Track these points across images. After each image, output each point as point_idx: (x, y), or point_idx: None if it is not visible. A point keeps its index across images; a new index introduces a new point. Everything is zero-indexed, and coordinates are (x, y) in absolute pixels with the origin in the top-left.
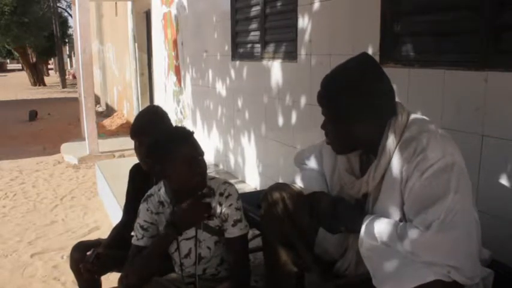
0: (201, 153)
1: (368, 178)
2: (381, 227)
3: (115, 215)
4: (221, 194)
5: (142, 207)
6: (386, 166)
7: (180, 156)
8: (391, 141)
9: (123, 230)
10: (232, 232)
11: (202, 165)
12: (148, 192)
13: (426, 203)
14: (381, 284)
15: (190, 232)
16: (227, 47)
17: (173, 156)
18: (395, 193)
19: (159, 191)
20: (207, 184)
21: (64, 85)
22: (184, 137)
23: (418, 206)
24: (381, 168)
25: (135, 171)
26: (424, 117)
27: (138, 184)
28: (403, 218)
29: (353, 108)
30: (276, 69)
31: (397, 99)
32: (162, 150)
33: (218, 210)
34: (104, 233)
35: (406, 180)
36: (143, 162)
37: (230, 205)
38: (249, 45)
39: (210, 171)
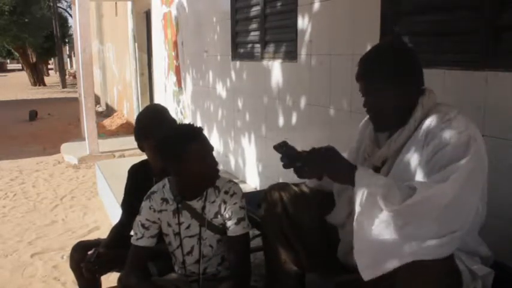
0: (212, 148)
1: (391, 141)
2: (386, 179)
3: (115, 215)
4: (226, 192)
5: (145, 205)
6: (410, 133)
7: (194, 152)
8: (419, 110)
9: (122, 230)
10: (235, 230)
11: (214, 159)
12: (152, 190)
13: (445, 163)
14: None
15: (194, 229)
16: (227, 47)
17: (187, 154)
18: (415, 157)
19: (163, 188)
20: (218, 178)
21: (64, 85)
22: (197, 133)
23: (438, 166)
24: (405, 133)
25: (133, 171)
26: None
27: (137, 184)
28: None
29: (390, 80)
30: (276, 69)
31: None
32: (175, 148)
33: (222, 208)
34: (103, 233)
35: (428, 144)
36: (155, 162)
37: (235, 203)
38: (249, 45)
39: None
